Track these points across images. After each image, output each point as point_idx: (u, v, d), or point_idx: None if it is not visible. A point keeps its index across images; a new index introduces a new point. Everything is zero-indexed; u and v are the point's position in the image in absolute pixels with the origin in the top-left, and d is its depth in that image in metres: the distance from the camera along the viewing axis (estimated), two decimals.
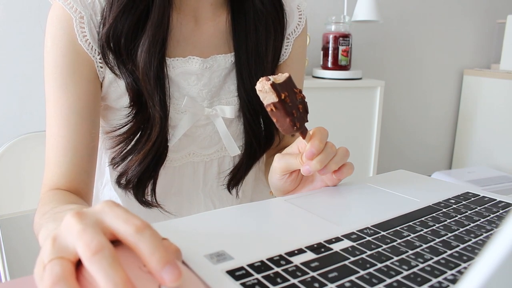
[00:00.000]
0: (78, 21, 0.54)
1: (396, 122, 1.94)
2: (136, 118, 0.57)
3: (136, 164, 0.57)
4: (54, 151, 0.56)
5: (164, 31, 0.55)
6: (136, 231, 0.27)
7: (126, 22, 0.53)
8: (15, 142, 0.82)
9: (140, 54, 0.54)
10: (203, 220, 0.40)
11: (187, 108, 0.59)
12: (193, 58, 0.59)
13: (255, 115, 0.63)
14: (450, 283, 0.29)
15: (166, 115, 0.57)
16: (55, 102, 0.56)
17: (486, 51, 2.07)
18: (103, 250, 0.25)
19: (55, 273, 0.25)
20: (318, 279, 0.30)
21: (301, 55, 0.71)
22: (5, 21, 1.26)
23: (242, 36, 0.61)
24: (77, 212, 0.28)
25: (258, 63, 0.62)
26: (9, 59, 1.28)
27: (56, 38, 0.55)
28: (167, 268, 0.25)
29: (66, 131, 0.56)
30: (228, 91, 0.63)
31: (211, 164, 0.66)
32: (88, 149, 0.57)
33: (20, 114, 1.31)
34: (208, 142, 0.64)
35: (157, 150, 0.57)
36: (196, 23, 0.61)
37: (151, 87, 0.55)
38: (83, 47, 0.55)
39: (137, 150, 0.57)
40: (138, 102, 0.57)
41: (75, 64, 0.55)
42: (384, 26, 1.78)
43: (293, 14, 0.68)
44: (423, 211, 0.43)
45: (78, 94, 0.56)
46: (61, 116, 0.56)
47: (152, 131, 0.56)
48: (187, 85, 0.60)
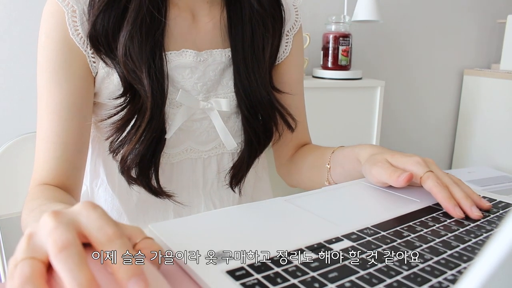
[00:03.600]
0: (70, 15, 0.55)
1: (396, 122, 1.94)
2: (129, 106, 0.57)
3: (131, 151, 0.56)
4: (44, 146, 0.56)
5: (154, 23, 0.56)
6: (107, 240, 0.27)
7: (112, 14, 0.54)
8: (15, 142, 0.82)
9: (123, 45, 0.54)
10: (203, 220, 0.40)
11: (182, 101, 0.59)
12: (187, 51, 0.60)
13: (253, 111, 0.63)
14: (450, 283, 0.29)
15: (158, 101, 0.57)
16: (47, 97, 0.57)
17: (486, 51, 2.07)
18: (70, 247, 0.25)
19: (24, 274, 0.25)
20: (318, 279, 0.30)
21: (300, 51, 0.72)
22: (5, 21, 1.26)
23: (238, 33, 0.62)
24: (54, 211, 0.28)
25: (254, 59, 0.62)
26: (9, 59, 1.28)
27: (50, 33, 0.56)
28: (133, 280, 0.25)
29: (57, 126, 0.56)
30: (225, 86, 0.64)
31: (210, 161, 0.66)
32: (78, 144, 0.57)
33: (20, 114, 1.31)
34: (205, 137, 0.64)
35: (151, 136, 0.57)
36: (193, 19, 0.62)
37: (141, 75, 0.55)
38: (75, 41, 0.55)
39: (130, 137, 0.57)
40: (131, 91, 0.57)
41: (68, 59, 0.56)
42: (384, 26, 1.78)
43: (289, 11, 0.68)
44: (423, 211, 0.43)
45: (70, 89, 0.56)
46: (52, 111, 0.56)
47: (144, 117, 0.56)
48: (182, 78, 0.60)
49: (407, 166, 0.47)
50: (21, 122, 1.31)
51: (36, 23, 1.26)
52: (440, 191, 0.43)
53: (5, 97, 1.29)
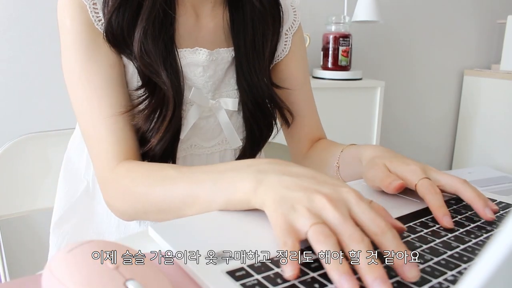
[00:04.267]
0: (92, 7, 0.55)
1: (396, 123, 1.94)
2: (151, 97, 0.57)
3: (160, 139, 0.57)
4: (101, 122, 0.55)
5: (165, 17, 0.57)
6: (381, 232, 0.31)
7: (127, 11, 0.54)
8: (15, 142, 0.82)
9: (138, 41, 0.55)
10: (203, 220, 0.40)
11: (194, 99, 0.60)
12: (200, 50, 0.61)
13: (257, 106, 0.65)
14: (450, 283, 0.29)
15: (178, 92, 0.57)
16: (86, 78, 0.55)
17: (486, 52, 2.07)
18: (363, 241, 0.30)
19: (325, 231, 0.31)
20: (318, 279, 0.30)
21: (301, 49, 0.73)
22: (5, 21, 1.26)
23: (241, 32, 0.63)
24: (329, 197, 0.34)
25: (255, 57, 0.64)
26: (9, 59, 1.28)
27: (75, 17, 0.55)
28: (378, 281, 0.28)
29: (108, 100, 0.55)
30: (228, 84, 0.65)
31: (213, 157, 0.67)
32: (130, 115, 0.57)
33: (20, 114, 1.31)
34: (210, 134, 0.66)
35: (177, 125, 0.58)
36: (197, 18, 0.63)
37: (158, 69, 0.56)
38: (99, 28, 0.56)
39: (157, 126, 0.57)
40: (150, 84, 0.57)
41: (96, 40, 0.56)
42: (384, 27, 1.78)
43: (288, 11, 0.70)
44: (423, 212, 0.43)
45: (109, 63, 0.56)
46: (98, 87, 0.55)
47: (168, 106, 0.56)
48: (193, 76, 0.61)
49: (403, 174, 0.46)
50: (21, 122, 1.31)
51: (36, 23, 1.27)
52: (431, 198, 0.42)
53: (5, 97, 1.29)
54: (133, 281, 0.25)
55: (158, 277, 0.27)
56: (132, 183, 0.50)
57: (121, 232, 0.67)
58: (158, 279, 0.27)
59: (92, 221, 0.69)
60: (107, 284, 0.25)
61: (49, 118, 1.32)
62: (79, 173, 0.70)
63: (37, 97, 1.31)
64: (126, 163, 0.54)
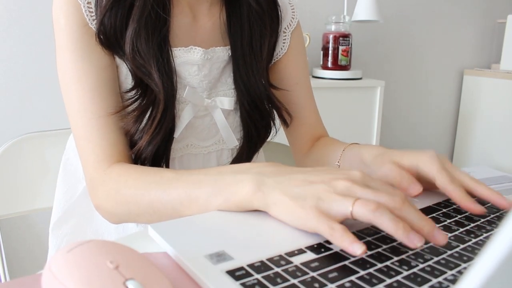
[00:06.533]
0: (86, 6, 0.55)
1: (396, 122, 1.94)
2: (141, 99, 0.57)
3: (149, 141, 0.56)
4: (94, 123, 0.55)
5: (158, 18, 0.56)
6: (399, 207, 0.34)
7: (119, 12, 0.54)
8: (15, 142, 0.82)
9: (130, 41, 0.55)
10: (203, 220, 0.40)
11: (189, 98, 0.60)
12: (195, 48, 0.61)
13: (253, 105, 0.64)
14: (450, 283, 0.29)
15: (169, 93, 0.57)
16: (78, 78, 0.55)
17: (486, 51, 2.07)
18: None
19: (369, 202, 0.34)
20: (318, 279, 0.30)
21: (300, 47, 0.72)
22: (5, 21, 1.26)
23: (237, 31, 0.63)
24: (349, 179, 0.37)
25: (252, 56, 0.63)
26: (9, 59, 1.28)
27: (69, 16, 0.55)
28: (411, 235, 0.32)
29: (100, 101, 0.55)
30: (224, 83, 0.65)
31: (209, 157, 0.67)
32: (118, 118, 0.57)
33: (20, 114, 1.31)
34: (206, 134, 0.65)
35: (167, 127, 0.57)
36: (194, 18, 0.63)
37: (150, 70, 0.56)
38: (93, 28, 0.56)
39: (147, 127, 0.57)
40: (142, 85, 0.57)
41: (91, 41, 0.56)
42: (384, 26, 1.78)
43: (286, 9, 0.70)
44: (423, 211, 0.43)
45: (102, 65, 0.56)
46: (92, 89, 0.55)
47: (158, 107, 0.56)
48: (188, 75, 0.61)
49: (419, 165, 0.45)
50: (21, 122, 1.31)
51: (36, 23, 1.27)
52: (454, 189, 0.42)
53: (5, 97, 1.29)
54: (133, 281, 0.25)
55: (158, 277, 0.27)
56: (125, 185, 0.50)
57: (120, 232, 0.67)
58: (158, 279, 0.27)
59: (91, 221, 0.69)
60: (107, 284, 0.25)
61: (48, 118, 1.32)
62: (78, 174, 0.69)
63: (36, 97, 1.31)
64: (117, 165, 0.54)
